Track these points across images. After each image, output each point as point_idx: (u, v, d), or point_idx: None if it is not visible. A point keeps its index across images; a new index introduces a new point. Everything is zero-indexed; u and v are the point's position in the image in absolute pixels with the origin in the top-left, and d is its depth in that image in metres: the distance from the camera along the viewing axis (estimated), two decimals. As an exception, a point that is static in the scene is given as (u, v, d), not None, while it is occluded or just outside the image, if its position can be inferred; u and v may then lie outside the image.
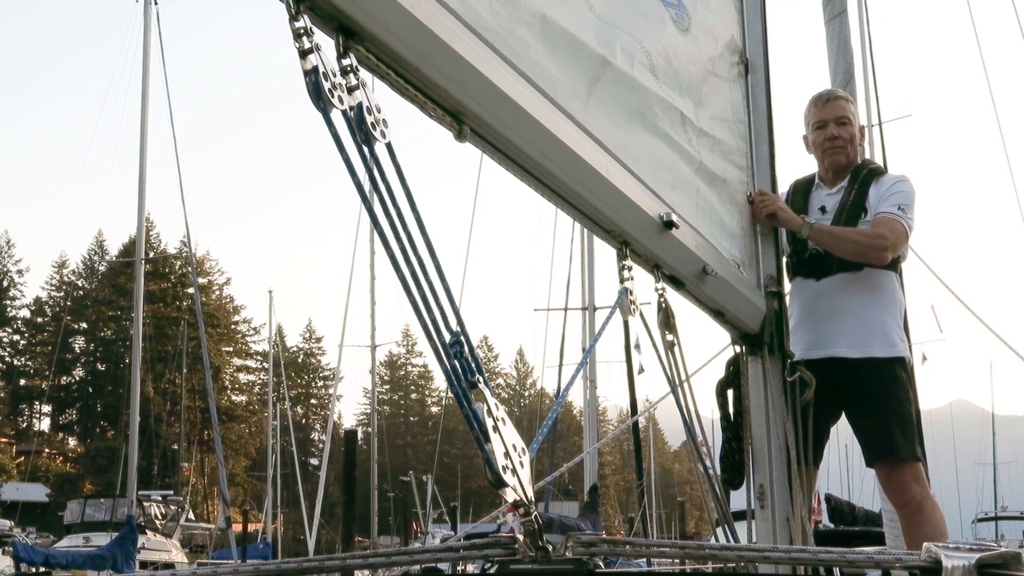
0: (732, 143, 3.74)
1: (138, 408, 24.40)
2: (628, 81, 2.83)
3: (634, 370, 16.98)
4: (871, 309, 4.25)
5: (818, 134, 4.46)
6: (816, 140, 4.47)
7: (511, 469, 1.88)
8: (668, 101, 3.11)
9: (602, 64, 2.67)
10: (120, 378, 50.47)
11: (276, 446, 47.79)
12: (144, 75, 24.07)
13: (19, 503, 36.67)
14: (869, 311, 4.24)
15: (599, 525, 16.77)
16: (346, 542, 25.77)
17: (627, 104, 2.84)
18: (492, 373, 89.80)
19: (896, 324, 4.32)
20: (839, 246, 4.19)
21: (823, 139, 4.44)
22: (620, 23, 2.85)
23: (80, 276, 68.94)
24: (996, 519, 48.00)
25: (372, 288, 34.46)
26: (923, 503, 4.10)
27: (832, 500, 13.73)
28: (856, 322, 4.22)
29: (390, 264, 1.81)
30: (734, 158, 3.76)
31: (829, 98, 4.52)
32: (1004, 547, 1.77)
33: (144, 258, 25.65)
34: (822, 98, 4.51)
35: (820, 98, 4.51)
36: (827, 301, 4.26)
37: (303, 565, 1.95)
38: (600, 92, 2.66)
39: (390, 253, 1.80)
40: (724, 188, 3.63)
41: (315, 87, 1.72)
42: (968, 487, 54.77)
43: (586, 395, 22.38)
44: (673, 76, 3.17)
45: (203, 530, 42.65)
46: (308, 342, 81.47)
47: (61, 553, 20.74)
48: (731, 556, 2.04)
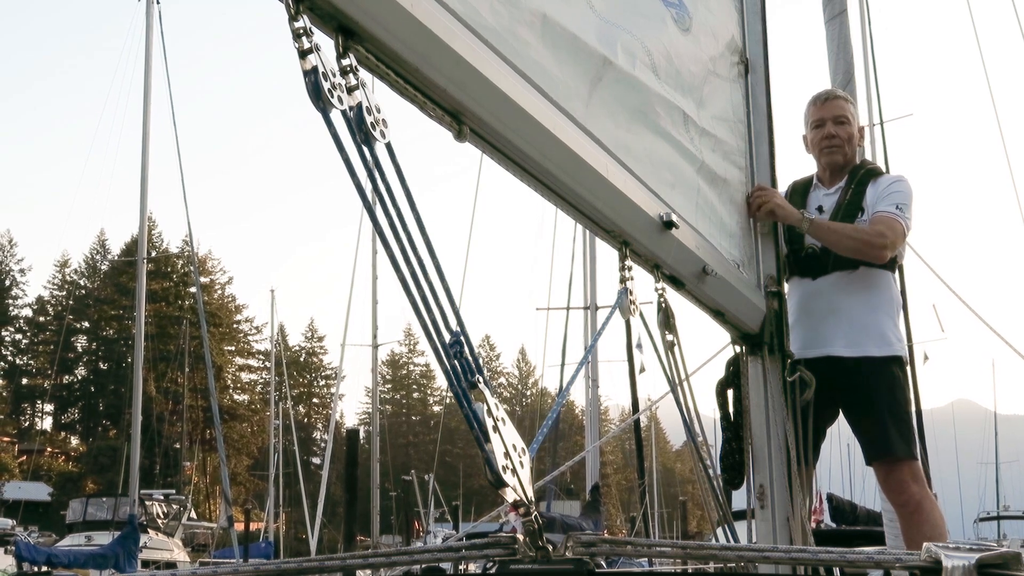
0: (733, 143, 3.74)
1: (140, 407, 24.43)
2: (630, 81, 2.83)
3: (635, 369, 16.97)
4: (867, 309, 4.24)
5: (816, 133, 4.46)
6: (814, 139, 4.47)
7: (511, 469, 1.88)
8: (670, 100, 3.11)
9: (604, 64, 2.67)
10: (122, 377, 50.45)
11: (278, 445, 47.82)
12: (146, 74, 24.13)
13: (21, 502, 36.62)
14: (865, 311, 4.24)
15: (601, 524, 16.78)
16: (348, 541, 25.80)
17: (629, 104, 2.84)
18: (494, 373, 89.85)
19: (893, 323, 4.32)
20: (838, 242, 4.17)
21: (820, 138, 4.43)
22: (621, 22, 2.84)
23: (82, 275, 68.98)
24: (998, 519, 47.98)
25: (374, 287, 34.46)
26: (922, 502, 4.10)
27: (834, 500, 13.74)
28: (852, 321, 4.22)
29: (390, 264, 1.81)
30: (734, 158, 3.75)
31: (828, 97, 4.52)
32: (1006, 547, 1.77)
33: (146, 257, 25.66)
34: (820, 97, 4.51)
35: (819, 97, 4.51)
36: (823, 300, 4.25)
37: (303, 565, 1.95)
38: (602, 92, 2.66)
39: (390, 253, 1.81)
40: (725, 188, 3.63)
41: (315, 87, 1.72)
42: (970, 487, 54.73)
43: (588, 394, 22.37)
44: (675, 76, 3.17)
45: (205, 529, 42.63)
46: (310, 341, 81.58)
47: (63, 552, 20.76)
48: (731, 556, 2.04)
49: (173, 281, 64.94)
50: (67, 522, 32.52)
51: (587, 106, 2.56)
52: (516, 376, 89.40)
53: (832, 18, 5.41)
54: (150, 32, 24.36)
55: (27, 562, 19.56)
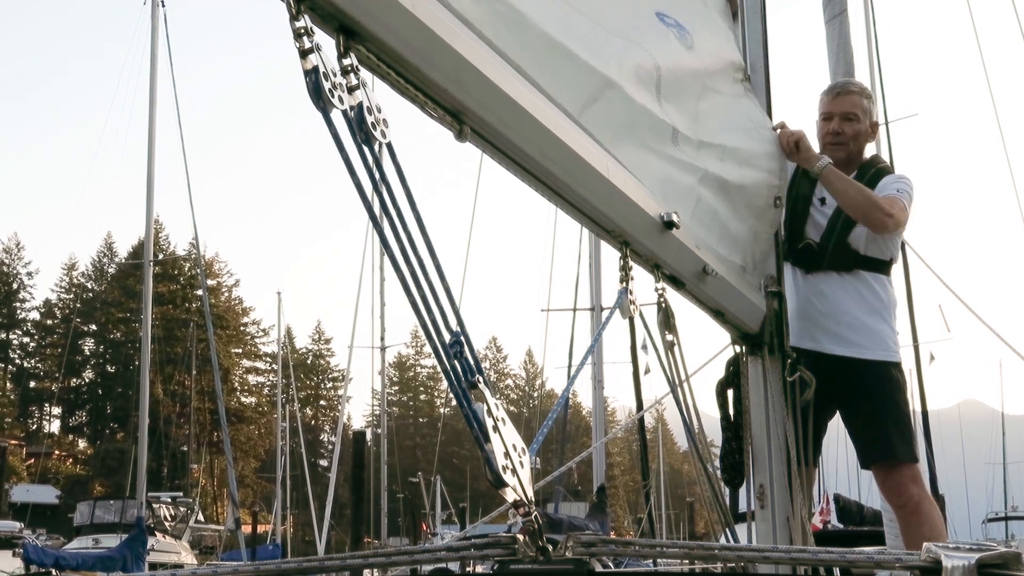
0: (751, 148, 3.70)
1: (147, 410, 24.45)
2: (625, 98, 2.79)
3: (640, 370, 16.95)
4: (864, 311, 4.19)
5: (822, 125, 4.40)
6: (820, 130, 4.41)
7: (511, 469, 1.88)
8: (659, 117, 3.06)
9: (603, 82, 2.64)
10: (129, 380, 50.58)
11: (285, 447, 47.88)
12: (152, 77, 24.14)
13: (29, 505, 36.75)
14: (862, 313, 4.19)
15: (607, 526, 16.79)
16: (355, 543, 25.82)
17: (616, 120, 2.80)
18: (501, 374, 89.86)
19: (889, 326, 4.28)
20: (846, 191, 4.07)
21: (825, 132, 4.38)
22: (621, 35, 2.84)
23: (89, 278, 69.14)
24: (1007, 519, 47.86)
25: (381, 289, 34.46)
26: (921, 503, 4.10)
27: (841, 500, 13.75)
28: (850, 323, 4.18)
29: (390, 264, 1.81)
30: (757, 162, 3.72)
31: (841, 91, 4.45)
32: (1015, 547, 1.77)
33: (153, 260, 25.70)
34: (835, 89, 4.45)
35: (833, 89, 4.44)
36: (817, 297, 4.22)
37: (303, 565, 1.96)
38: (599, 107, 2.64)
39: (390, 253, 1.81)
40: (740, 193, 3.58)
41: (315, 87, 1.72)
42: (978, 487, 54.60)
43: (593, 394, 22.35)
44: (673, 90, 3.14)
45: (213, 531, 42.72)
46: (317, 343, 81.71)
47: (71, 555, 20.78)
48: (731, 556, 2.04)
49: (180, 284, 65.11)
50: (75, 525, 32.57)
51: (581, 116, 2.54)
52: (523, 378, 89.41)
53: (832, 18, 5.39)
54: (155, 34, 24.38)
55: (35, 564, 19.57)
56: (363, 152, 1.80)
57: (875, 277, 4.26)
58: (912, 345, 11.06)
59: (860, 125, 4.38)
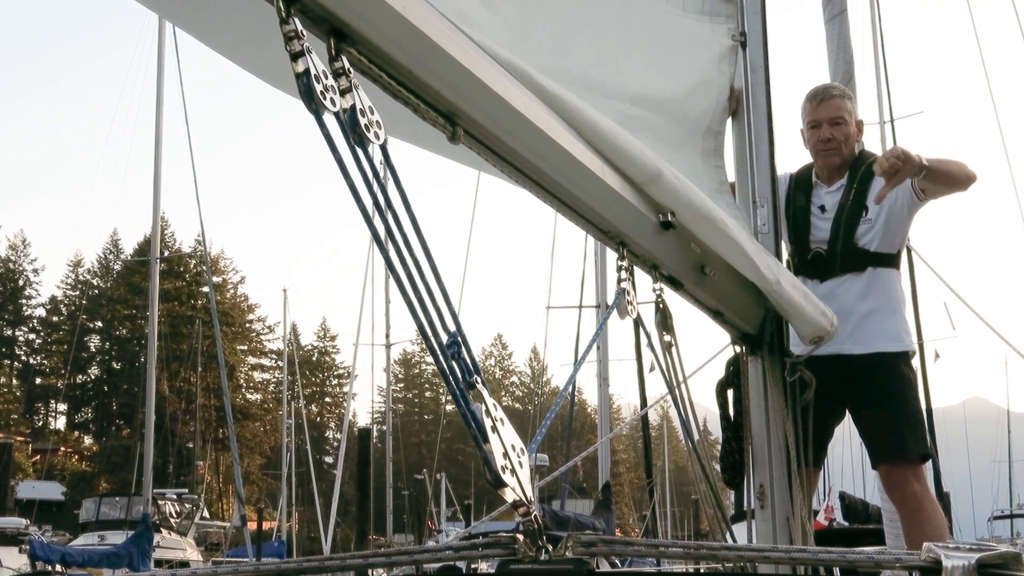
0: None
1: (153, 406, 24.54)
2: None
3: (644, 368, 17.00)
4: (878, 307, 4.25)
5: (812, 134, 4.41)
6: (810, 140, 4.42)
7: (510, 469, 1.88)
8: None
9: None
10: (135, 377, 50.57)
11: (291, 444, 47.93)
12: (159, 74, 24.25)
13: (35, 501, 36.75)
14: (876, 309, 4.25)
15: (612, 523, 16.80)
16: (360, 540, 25.85)
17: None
18: (506, 371, 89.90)
19: (903, 320, 4.33)
20: (949, 168, 4.16)
21: (816, 140, 4.39)
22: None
23: (95, 275, 69.19)
24: (1012, 517, 47.86)
25: (387, 286, 34.53)
26: (923, 502, 4.10)
27: (846, 498, 13.71)
28: (864, 320, 4.22)
29: (385, 265, 1.81)
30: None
31: (823, 97, 4.44)
32: (1021, 545, 1.77)
33: (159, 257, 25.79)
34: (816, 96, 4.44)
35: (815, 96, 4.44)
36: (835, 303, 4.23)
37: (303, 565, 1.96)
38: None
39: (385, 255, 1.81)
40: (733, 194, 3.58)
41: (307, 90, 1.71)
42: (983, 485, 54.56)
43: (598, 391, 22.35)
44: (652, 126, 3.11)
45: (218, 528, 42.73)
46: (323, 340, 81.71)
47: (77, 551, 20.86)
48: (731, 556, 2.04)
49: (186, 281, 65.09)
50: (80, 521, 32.62)
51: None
52: (528, 375, 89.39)
53: (832, 18, 5.37)
54: (162, 32, 24.45)
55: (41, 561, 19.65)
56: (356, 154, 1.80)
57: (886, 272, 4.30)
58: (917, 343, 11.05)
59: (848, 128, 4.41)
